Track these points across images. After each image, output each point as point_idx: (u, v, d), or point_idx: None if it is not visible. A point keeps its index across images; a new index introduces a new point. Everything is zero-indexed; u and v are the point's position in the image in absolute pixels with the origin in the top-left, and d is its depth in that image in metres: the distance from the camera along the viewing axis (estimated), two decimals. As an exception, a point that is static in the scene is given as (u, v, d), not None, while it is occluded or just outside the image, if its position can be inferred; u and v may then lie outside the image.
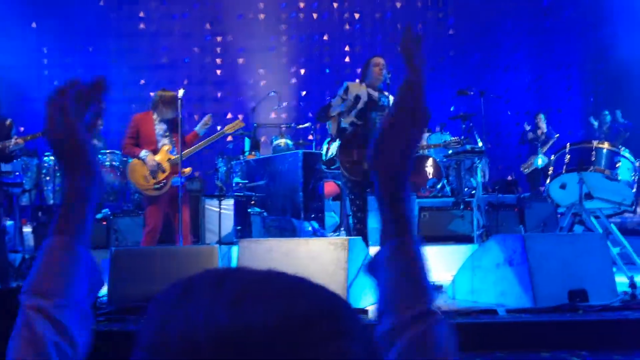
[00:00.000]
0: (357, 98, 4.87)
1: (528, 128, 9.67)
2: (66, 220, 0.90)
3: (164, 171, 5.34)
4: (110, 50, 11.34)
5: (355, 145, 5.03)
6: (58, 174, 8.19)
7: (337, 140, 7.51)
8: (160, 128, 5.43)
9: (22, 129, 9.77)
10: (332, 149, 7.66)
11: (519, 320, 3.47)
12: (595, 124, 10.12)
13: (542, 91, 11.96)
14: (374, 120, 4.99)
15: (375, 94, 5.08)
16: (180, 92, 5.16)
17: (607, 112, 10.12)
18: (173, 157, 5.35)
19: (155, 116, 5.43)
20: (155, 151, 5.39)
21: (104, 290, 4.19)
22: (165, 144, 5.40)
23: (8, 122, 5.18)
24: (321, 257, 3.95)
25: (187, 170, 5.45)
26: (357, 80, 5.21)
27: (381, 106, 5.00)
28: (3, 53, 10.84)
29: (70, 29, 11.14)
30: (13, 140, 4.98)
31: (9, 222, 6.94)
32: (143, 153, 5.33)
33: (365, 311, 3.83)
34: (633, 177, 4.84)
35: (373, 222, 5.20)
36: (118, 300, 3.94)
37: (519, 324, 3.42)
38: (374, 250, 3.99)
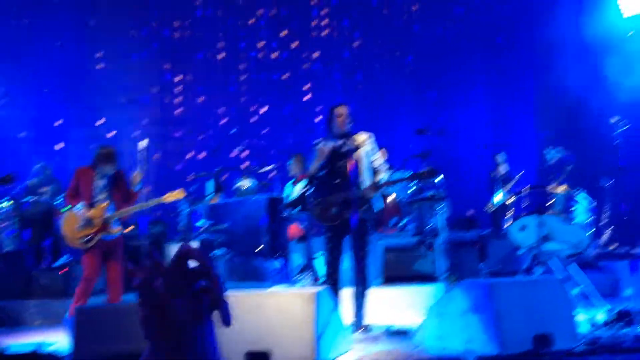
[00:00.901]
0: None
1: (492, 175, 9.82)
2: None
3: (92, 226, 5.38)
4: (67, 90, 11.19)
5: (323, 193, 5.09)
6: (15, 220, 8.01)
7: (302, 181, 7.58)
8: (98, 183, 5.48)
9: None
10: (296, 189, 7.70)
11: (488, 369, 3.52)
12: (550, 155, 10.38)
13: (500, 126, 12.26)
14: (339, 168, 5.07)
15: (340, 142, 5.16)
16: (144, 142, 5.16)
17: (550, 148, 10.43)
18: (107, 215, 5.40)
19: (95, 171, 5.48)
20: (91, 205, 5.42)
21: (68, 349, 4.09)
22: (101, 200, 5.43)
23: None
24: (289, 310, 3.95)
25: (117, 230, 5.49)
26: (321, 139, 5.30)
27: (344, 153, 5.08)
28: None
29: (26, 68, 10.97)
30: None
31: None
32: (79, 205, 5.39)
33: (335, 363, 3.84)
34: (588, 220, 5.01)
35: (345, 263, 5.24)
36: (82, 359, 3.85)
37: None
38: (344, 293, 4.02)
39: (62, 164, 9.53)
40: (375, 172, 5.17)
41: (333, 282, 5.02)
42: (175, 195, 5.73)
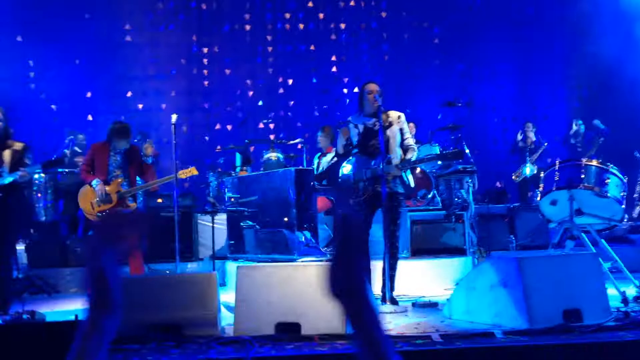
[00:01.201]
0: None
1: (520, 138, 9.80)
2: (82, 355, 0.99)
3: (110, 202, 5.57)
4: (97, 62, 11.30)
5: (353, 169, 5.15)
6: (50, 191, 8.17)
7: (328, 154, 7.59)
8: (114, 159, 5.63)
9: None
10: (322, 163, 7.73)
11: (517, 344, 3.54)
12: (576, 128, 10.25)
13: (528, 98, 12.11)
14: (372, 146, 5.10)
15: (372, 120, 5.16)
16: (173, 118, 5.20)
17: (580, 122, 10.30)
18: (122, 191, 5.57)
19: (110, 147, 5.63)
20: (107, 181, 5.58)
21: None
22: (118, 176, 5.60)
23: (20, 146, 5.13)
24: (319, 283, 3.99)
25: (133, 205, 5.70)
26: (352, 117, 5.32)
27: (375, 131, 5.07)
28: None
29: (56, 41, 11.07)
30: (19, 174, 4.95)
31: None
32: (95, 182, 5.56)
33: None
34: (622, 194, 4.95)
35: (376, 234, 5.29)
36: (118, 329, 3.95)
37: (517, 347, 3.49)
38: (374, 265, 4.05)
39: (93, 135, 9.66)
40: (405, 150, 5.19)
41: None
42: (187, 173, 5.86)
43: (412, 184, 5.26)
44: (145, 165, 5.76)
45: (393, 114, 5.22)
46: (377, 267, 5.13)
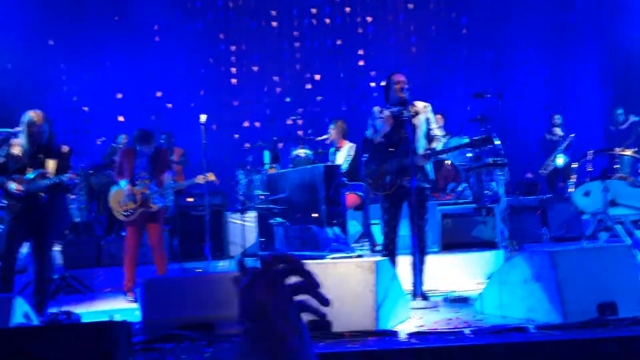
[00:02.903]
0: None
1: (548, 138, 9.66)
2: None
3: (135, 202, 6.02)
4: (126, 63, 11.46)
5: (378, 161, 5.11)
6: (83, 192, 8.32)
7: (343, 149, 7.56)
8: (140, 162, 6.12)
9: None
10: (339, 157, 7.69)
11: (551, 338, 3.49)
12: (622, 117, 10.02)
13: (559, 86, 11.88)
14: (396, 136, 5.06)
15: (397, 110, 5.14)
16: (203, 118, 5.26)
17: (621, 111, 10.06)
18: (147, 192, 6.02)
19: (136, 151, 6.16)
20: (134, 181, 6.08)
21: (137, 318, 4.28)
22: (144, 177, 6.07)
23: (67, 149, 5.26)
24: (349, 280, 4.00)
25: (155, 207, 6.09)
26: (378, 107, 5.30)
27: (403, 121, 5.04)
28: (22, 71, 11.01)
29: (87, 44, 11.27)
30: (68, 176, 5.07)
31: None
32: (123, 182, 6.10)
33: (393, 332, 3.88)
34: (657, 184, 4.84)
35: (402, 230, 5.27)
36: (152, 328, 4.02)
37: (551, 342, 3.45)
38: (402, 260, 4.04)
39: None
40: (431, 140, 5.16)
41: (390, 253, 5.05)
42: (206, 178, 6.06)
43: (433, 176, 5.24)
44: (174, 167, 6.02)
45: (419, 104, 5.21)
46: (406, 263, 5.11)
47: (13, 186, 4.98)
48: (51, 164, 5.10)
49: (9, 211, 5.05)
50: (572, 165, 5.47)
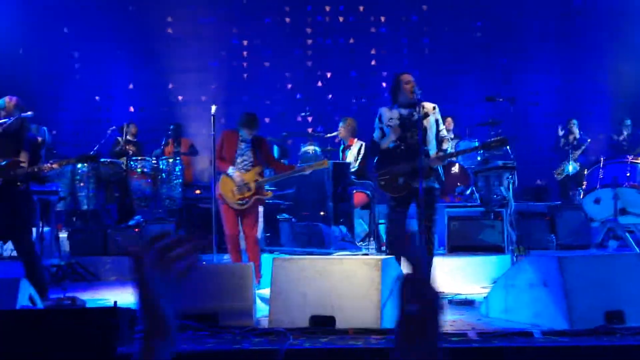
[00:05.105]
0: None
1: (562, 133, 9.59)
2: None
3: (249, 190, 5.73)
4: (139, 54, 11.48)
5: (389, 163, 5.08)
6: (92, 180, 8.33)
7: (352, 147, 7.54)
8: (240, 145, 5.84)
9: (54, 132, 9.96)
10: (348, 156, 7.67)
11: (556, 344, 3.46)
12: (627, 127, 9.97)
13: (572, 93, 11.81)
14: (408, 137, 5.03)
15: (407, 111, 5.10)
16: (213, 108, 5.24)
17: (629, 122, 10.02)
18: (260, 180, 5.78)
19: (239, 134, 5.85)
20: (245, 169, 5.79)
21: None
22: (248, 163, 5.78)
23: (39, 140, 5.22)
24: (355, 277, 3.99)
25: (269, 194, 5.96)
26: (386, 108, 5.26)
27: (414, 122, 5.02)
28: (36, 59, 11.05)
29: (100, 33, 11.28)
30: (48, 165, 5.02)
31: (45, 229, 7.09)
32: (230, 170, 5.75)
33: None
34: (669, 193, 4.80)
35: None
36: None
37: (556, 348, 3.42)
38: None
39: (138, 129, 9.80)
40: (440, 141, 5.14)
41: (395, 251, 5.02)
42: (318, 165, 5.97)
43: (443, 178, 5.21)
44: (272, 158, 6.09)
45: (428, 105, 5.18)
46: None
47: None
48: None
49: None
50: (583, 172, 5.43)
